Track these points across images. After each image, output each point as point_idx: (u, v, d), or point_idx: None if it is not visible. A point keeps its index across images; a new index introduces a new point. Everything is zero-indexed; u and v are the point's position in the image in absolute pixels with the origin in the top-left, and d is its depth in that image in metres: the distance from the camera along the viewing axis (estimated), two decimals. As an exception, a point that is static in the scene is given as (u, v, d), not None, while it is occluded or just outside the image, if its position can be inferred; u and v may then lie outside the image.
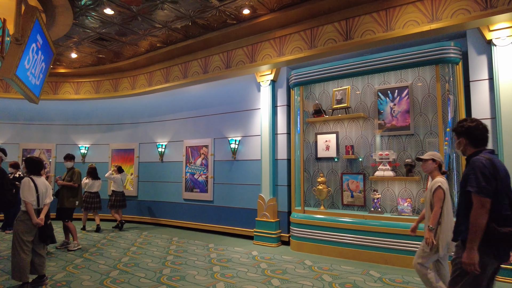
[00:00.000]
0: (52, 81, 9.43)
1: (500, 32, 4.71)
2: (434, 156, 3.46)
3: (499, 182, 2.35)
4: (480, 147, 2.55)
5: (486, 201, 2.32)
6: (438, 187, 3.29)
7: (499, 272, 4.43)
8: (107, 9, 5.93)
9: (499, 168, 2.39)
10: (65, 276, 4.64)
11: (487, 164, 2.37)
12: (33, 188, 4.20)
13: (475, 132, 2.54)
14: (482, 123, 2.57)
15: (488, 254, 2.33)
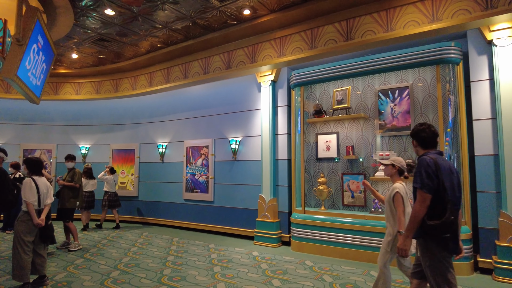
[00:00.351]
0: (53, 82, 9.44)
1: (501, 32, 4.71)
2: (394, 162, 3.54)
3: (441, 180, 2.59)
4: (429, 148, 2.83)
5: (427, 196, 2.58)
6: (396, 193, 3.35)
7: (500, 273, 4.44)
8: (107, 10, 5.94)
9: (442, 167, 2.63)
10: (66, 276, 4.65)
11: (430, 163, 2.62)
12: (34, 189, 4.21)
13: (423, 135, 2.83)
14: (431, 128, 2.83)
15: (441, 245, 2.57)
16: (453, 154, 5.24)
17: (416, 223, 2.61)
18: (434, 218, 2.57)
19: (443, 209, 2.55)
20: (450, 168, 2.70)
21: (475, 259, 4.85)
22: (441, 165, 2.64)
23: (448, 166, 2.70)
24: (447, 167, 2.67)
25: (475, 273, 4.79)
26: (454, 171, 2.72)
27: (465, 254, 3.68)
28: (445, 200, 2.57)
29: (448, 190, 2.59)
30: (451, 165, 2.73)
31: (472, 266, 4.78)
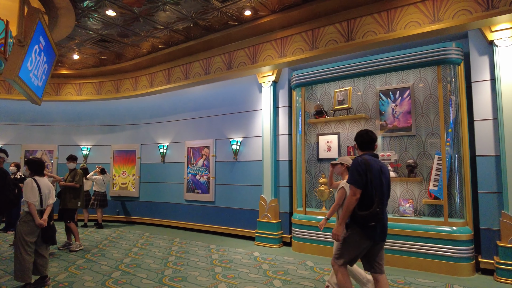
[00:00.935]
0: (54, 82, 9.47)
1: (502, 32, 4.71)
2: (342, 161, 3.90)
3: (369, 178, 3.02)
4: (365, 151, 3.25)
5: (357, 191, 3.04)
6: (341, 188, 3.62)
7: (501, 274, 4.43)
8: (109, 11, 5.95)
9: (372, 167, 3.06)
10: (67, 277, 4.65)
11: (361, 163, 3.07)
12: (36, 189, 4.22)
13: (360, 139, 3.30)
14: (368, 133, 3.26)
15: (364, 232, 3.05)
16: (454, 155, 5.23)
17: (348, 213, 3.10)
18: (363, 209, 3.03)
19: (371, 202, 3.01)
20: (381, 168, 3.14)
21: (476, 260, 4.84)
22: (372, 165, 3.07)
23: (379, 166, 3.13)
24: (378, 167, 3.11)
25: (477, 274, 4.78)
26: (384, 171, 3.17)
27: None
28: (373, 195, 3.02)
29: (376, 187, 3.03)
30: (382, 166, 3.18)
31: (473, 266, 4.78)
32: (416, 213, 5.46)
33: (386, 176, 3.17)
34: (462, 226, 4.87)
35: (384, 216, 3.10)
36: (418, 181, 5.53)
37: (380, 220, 3.01)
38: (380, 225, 3.07)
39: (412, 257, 5.04)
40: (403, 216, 5.36)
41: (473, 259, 4.80)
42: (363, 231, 3.06)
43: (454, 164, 5.23)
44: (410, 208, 5.39)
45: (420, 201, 5.52)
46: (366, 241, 3.08)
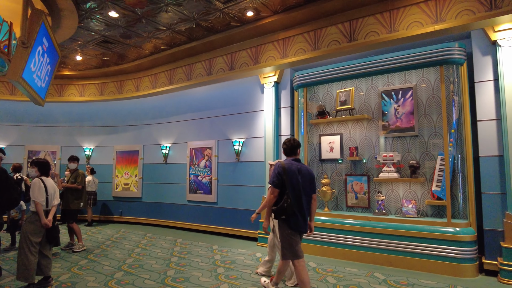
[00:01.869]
0: (57, 84, 9.51)
1: (505, 32, 4.68)
2: (271, 162, 4.66)
3: (285, 179, 3.55)
4: (289, 156, 3.82)
5: (275, 190, 3.61)
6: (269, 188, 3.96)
7: (505, 275, 4.41)
8: (111, 12, 5.98)
9: (289, 170, 3.59)
10: (70, 277, 4.67)
11: (279, 167, 3.63)
12: (43, 189, 4.28)
13: (284, 146, 3.84)
14: (291, 141, 3.81)
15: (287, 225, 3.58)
16: (457, 155, 5.21)
17: (268, 208, 3.69)
18: (276, 205, 3.60)
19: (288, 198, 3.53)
20: (299, 169, 3.64)
21: (480, 261, 4.81)
22: (289, 168, 3.60)
23: (297, 168, 3.63)
24: (295, 169, 3.61)
25: (480, 275, 4.75)
26: (303, 171, 3.67)
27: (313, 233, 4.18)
28: (286, 193, 3.55)
29: (292, 185, 3.56)
30: (301, 168, 3.68)
31: (477, 268, 4.75)
32: (419, 214, 5.44)
33: (304, 175, 3.67)
34: (466, 227, 4.85)
35: (304, 209, 3.62)
36: (421, 182, 5.51)
37: (291, 214, 3.52)
38: (294, 218, 3.55)
39: (415, 258, 5.02)
40: (406, 217, 5.34)
41: (477, 260, 4.77)
42: (287, 224, 3.57)
43: (457, 164, 5.21)
44: (413, 209, 5.37)
45: (423, 202, 5.50)
46: (293, 232, 3.59)
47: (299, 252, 3.59)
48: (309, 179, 3.70)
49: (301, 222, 3.58)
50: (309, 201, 3.69)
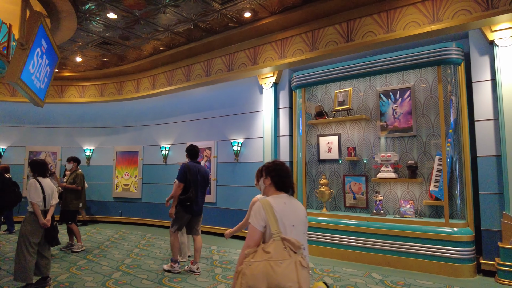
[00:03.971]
0: (57, 85, 9.56)
1: (502, 32, 4.68)
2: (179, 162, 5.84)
3: (188, 176, 4.84)
4: (192, 159, 5.10)
5: (181, 184, 4.83)
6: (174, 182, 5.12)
7: (503, 275, 4.40)
8: (110, 14, 6.01)
9: (191, 169, 4.90)
10: (68, 277, 4.69)
11: (185, 167, 4.91)
12: (39, 189, 4.28)
13: (188, 152, 5.15)
14: (195, 148, 5.13)
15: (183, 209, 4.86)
16: (455, 156, 5.20)
17: (176, 198, 4.86)
18: (183, 195, 4.82)
19: (188, 191, 4.81)
20: (199, 169, 5.01)
21: (477, 261, 4.80)
22: (191, 168, 4.91)
23: (197, 169, 4.98)
24: (196, 169, 4.96)
25: (478, 276, 4.74)
26: (202, 171, 5.05)
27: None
28: (190, 186, 4.83)
29: (193, 182, 4.86)
30: (200, 168, 5.05)
31: (475, 268, 4.74)
32: (417, 214, 5.43)
33: (203, 174, 5.04)
34: (463, 227, 4.84)
35: (199, 199, 4.94)
36: (419, 182, 5.50)
37: (193, 201, 4.83)
38: (195, 205, 4.88)
39: (413, 259, 5.01)
40: (403, 217, 5.33)
41: (474, 261, 4.77)
42: (183, 208, 4.85)
43: (455, 164, 5.20)
44: (410, 209, 5.37)
45: (421, 202, 5.49)
46: (186, 215, 4.89)
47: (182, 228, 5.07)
48: (205, 177, 5.09)
49: (196, 208, 4.94)
50: (203, 193, 5.09)
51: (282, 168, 2.21)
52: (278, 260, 1.85)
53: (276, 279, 1.79)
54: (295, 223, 2.05)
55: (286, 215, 2.03)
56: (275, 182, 2.18)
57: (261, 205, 2.03)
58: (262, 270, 1.83)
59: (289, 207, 2.08)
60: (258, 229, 1.99)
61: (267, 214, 2.00)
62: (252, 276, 1.84)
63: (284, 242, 1.92)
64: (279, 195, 2.15)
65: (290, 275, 1.81)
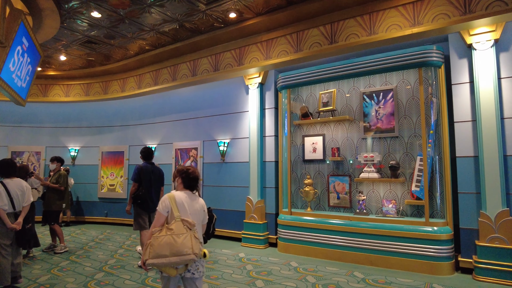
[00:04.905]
0: (41, 84, 9.41)
1: (480, 36, 4.80)
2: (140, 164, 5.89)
3: (142, 176, 5.29)
4: (146, 160, 5.51)
5: (134, 184, 5.31)
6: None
7: (479, 272, 4.51)
8: (94, 12, 5.95)
9: (144, 170, 5.32)
10: (49, 279, 4.63)
11: (138, 168, 5.33)
12: (3, 193, 4.08)
13: (142, 154, 5.56)
14: (148, 150, 5.57)
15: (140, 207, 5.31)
16: (435, 156, 5.32)
17: (131, 196, 5.31)
18: (135, 193, 5.28)
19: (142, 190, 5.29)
20: (152, 170, 5.43)
21: (456, 259, 4.92)
22: (144, 169, 5.33)
23: (150, 169, 5.40)
24: (149, 170, 5.38)
25: (456, 273, 4.86)
26: (155, 171, 5.46)
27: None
28: (141, 186, 5.27)
29: (145, 181, 5.29)
30: (153, 169, 5.46)
31: (453, 266, 4.86)
32: (399, 214, 5.53)
33: (156, 174, 5.46)
34: (443, 226, 4.95)
35: (153, 196, 5.36)
36: (401, 182, 5.61)
37: (145, 200, 5.25)
38: (150, 202, 5.29)
39: (394, 257, 5.11)
40: (386, 217, 5.42)
41: (453, 258, 4.88)
42: (139, 206, 5.29)
43: (435, 165, 5.31)
44: (393, 209, 5.46)
45: (402, 201, 5.60)
46: (143, 212, 5.31)
47: (145, 225, 5.28)
48: (159, 177, 5.50)
49: (150, 206, 5.28)
50: (158, 191, 5.48)
51: (189, 173, 2.86)
52: (178, 234, 2.54)
53: (176, 246, 2.50)
54: (192, 212, 2.75)
55: (186, 206, 2.73)
56: (183, 182, 2.86)
57: (167, 197, 2.73)
58: (166, 241, 2.52)
59: (189, 200, 2.78)
60: (163, 214, 2.69)
61: (171, 203, 2.69)
62: (158, 246, 2.51)
63: (183, 222, 2.62)
64: (184, 191, 2.83)
65: (187, 243, 2.52)
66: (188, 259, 2.51)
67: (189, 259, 2.51)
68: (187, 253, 2.49)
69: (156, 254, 2.50)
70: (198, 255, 2.56)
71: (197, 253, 2.54)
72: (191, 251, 2.50)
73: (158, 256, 2.51)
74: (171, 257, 2.48)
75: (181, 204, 2.71)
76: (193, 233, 2.61)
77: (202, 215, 2.85)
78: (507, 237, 4.46)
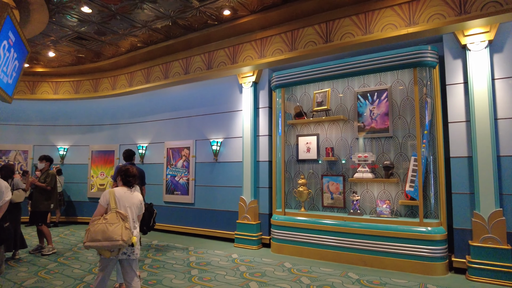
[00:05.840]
0: (29, 80, 9.18)
1: (474, 37, 4.81)
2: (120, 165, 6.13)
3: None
4: (127, 161, 5.75)
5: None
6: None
7: (473, 272, 4.52)
8: (84, 7, 5.80)
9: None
10: (36, 282, 4.48)
11: (118, 167, 4.53)
12: None
13: (123, 155, 5.82)
14: (129, 152, 5.81)
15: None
16: (429, 156, 5.31)
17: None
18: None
19: None
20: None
21: (449, 259, 4.92)
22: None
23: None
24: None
25: (450, 273, 4.86)
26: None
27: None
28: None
29: None
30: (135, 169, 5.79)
31: (447, 266, 4.86)
32: (393, 214, 5.52)
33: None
34: (437, 226, 4.95)
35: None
36: (395, 182, 5.59)
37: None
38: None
39: (389, 258, 5.09)
40: (380, 217, 5.41)
41: (447, 259, 4.88)
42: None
43: (429, 165, 5.31)
44: (387, 209, 5.45)
45: (397, 202, 5.59)
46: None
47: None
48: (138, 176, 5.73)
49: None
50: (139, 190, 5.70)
51: (127, 171, 3.40)
52: (111, 223, 3.03)
53: (108, 233, 2.98)
54: (129, 205, 3.29)
55: (123, 199, 3.25)
56: (122, 179, 3.39)
57: (108, 192, 3.24)
58: (101, 228, 3.01)
59: (127, 195, 3.30)
60: (103, 206, 3.20)
61: (110, 197, 3.20)
62: (94, 232, 3.01)
63: (117, 214, 3.11)
64: (123, 187, 3.36)
65: (117, 231, 3.00)
66: (117, 245, 2.98)
67: (118, 244, 2.97)
68: (116, 239, 2.96)
69: (92, 238, 3.00)
70: (126, 242, 3.01)
71: (125, 240, 3.00)
72: (120, 238, 2.97)
73: (93, 240, 3.00)
74: (103, 242, 2.96)
75: (119, 198, 3.22)
76: (125, 224, 3.07)
77: (138, 208, 3.38)
78: (500, 237, 4.48)
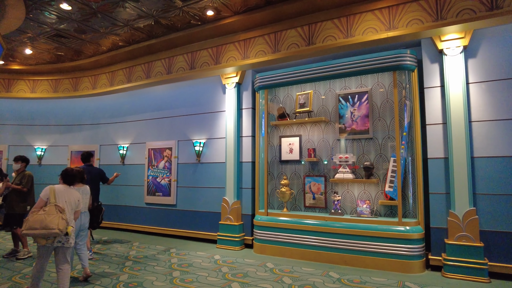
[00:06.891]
0: (4, 78, 8.88)
1: (450, 42, 4.98)
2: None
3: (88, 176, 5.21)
4: (85, 163, 6.15)
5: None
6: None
7: (448, 269, 4.66)
8: (64, 4, 5.67)
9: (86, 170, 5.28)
10: (10, 287, 4.34)
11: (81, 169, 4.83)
12: None
13: (81, 157, 6.23)
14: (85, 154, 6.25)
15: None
16: (408, 157, 5.45)
17: None
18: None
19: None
20: (89, 171, 5.82)
21: (427, 257, 5.07)
22: (86, 170, 5.45)
23: (88, 170, 5.67)
24: (86, 171, 5.30)
25: (427, 271, 5.00)
26: (92, 172, 6.07)
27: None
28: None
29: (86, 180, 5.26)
30: (91, 170, 6.04)
31: (424, 264, 5.00)
32: (373, 214, 5.63)
33: (92, 174, 5.98)
34: (415, 226, 5.08)
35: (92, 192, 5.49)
36: (375, 183, 5.71)
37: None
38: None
39: (369, 257, 5.19)
40: (360, 217, 5.51)
41: (424, 257, 5.02)
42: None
43: (408, 166, 5.45)
44: (367, 209, 5.55)
45: (376, 202, 5.70)
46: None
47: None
48: (94, 176, 6.10)
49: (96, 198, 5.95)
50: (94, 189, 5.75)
51: (67, 171, 4.01)
52: (49, 214, 3.49)
53: (45, 222, 3.42)
54: (68, 200, 3.80)
55: (62, 195, 3.77)
56: (63, 178, 3.97)
57: (49, 188, 3.76)
58: (39, 218, 3.46)
59: (65, 192, 3.84)
60: (43, 199, 3.67)
61: (50, 192, 3.72)
62: (33, 221, 3.45)
63: (55, 207, 3.58)
64: (63, 185, 3.92)
65: (54, 221, 3.45)
66: (53, 233, 3.41)
67: (53, 232, 3.41)
68: (53, 228, 3.40)
69: (30, 227, 3.42)
70: (62, 230, 3.47)
71: (61, 229, 3.45)
72: (56, 227, 3.41)
73: (31, 228, 3.42)
74: (40, 230, 3.39)
75: (58, 193, 3.73)
76: (62, 215, 3.53)
77: (76, 203, 3.89)
78: (473, 235, 4.65)
